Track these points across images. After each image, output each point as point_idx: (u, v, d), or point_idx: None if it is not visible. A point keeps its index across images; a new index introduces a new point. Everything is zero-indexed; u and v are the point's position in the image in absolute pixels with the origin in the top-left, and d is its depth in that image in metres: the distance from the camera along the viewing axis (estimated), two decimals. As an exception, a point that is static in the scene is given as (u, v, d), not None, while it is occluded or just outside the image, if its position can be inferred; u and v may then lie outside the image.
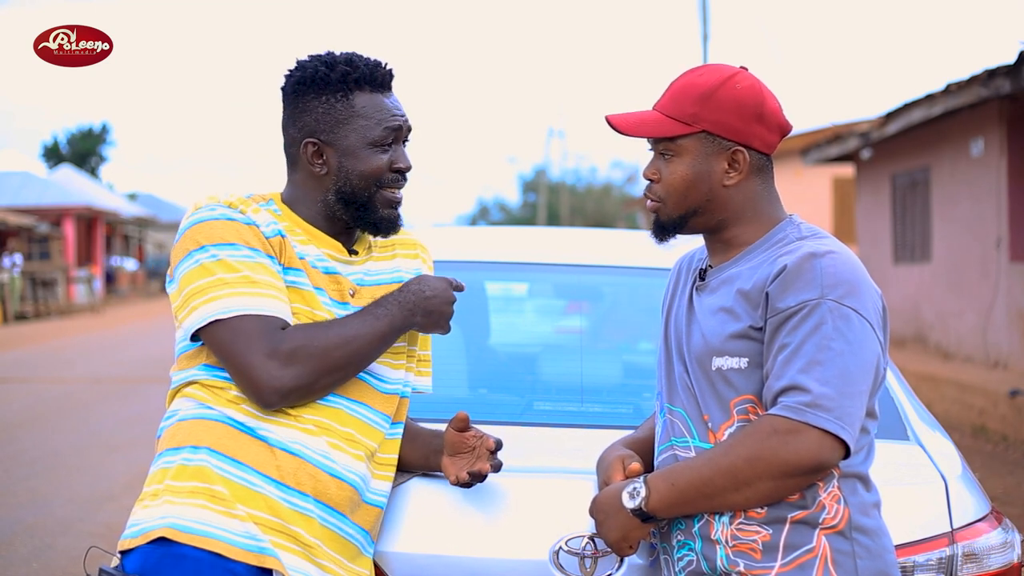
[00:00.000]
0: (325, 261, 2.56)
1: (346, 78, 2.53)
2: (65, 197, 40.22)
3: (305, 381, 2.41)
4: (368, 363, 2.51)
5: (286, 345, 2.39)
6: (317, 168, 2.56)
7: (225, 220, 2.47)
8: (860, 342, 2.26)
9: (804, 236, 2.40)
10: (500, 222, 61.96)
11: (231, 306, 2.39)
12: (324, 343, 2.41)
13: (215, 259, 2.43)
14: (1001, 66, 10.96)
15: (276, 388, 2.39)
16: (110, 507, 7.53)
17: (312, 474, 2.44)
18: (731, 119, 2.39)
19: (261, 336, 2.38)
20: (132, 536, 2.40)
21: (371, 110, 2.54)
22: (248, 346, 2.38)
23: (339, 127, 2.54)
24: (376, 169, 2.54)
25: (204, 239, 2.45)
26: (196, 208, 2.51)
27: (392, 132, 2.56)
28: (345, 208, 2.56)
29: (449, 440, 2.64)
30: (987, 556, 2.65)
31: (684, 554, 2.39)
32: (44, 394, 13.83)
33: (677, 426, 2.44)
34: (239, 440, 2.42)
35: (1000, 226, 12.32)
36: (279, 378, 2.38)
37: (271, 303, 2.42)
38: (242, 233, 2.46)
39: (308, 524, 2.43)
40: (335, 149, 2.54)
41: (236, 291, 2.40)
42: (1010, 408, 10.35)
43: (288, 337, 2.40)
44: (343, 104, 2.54)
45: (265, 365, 2.38)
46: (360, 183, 2.54)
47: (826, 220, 23.30)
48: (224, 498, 2.38)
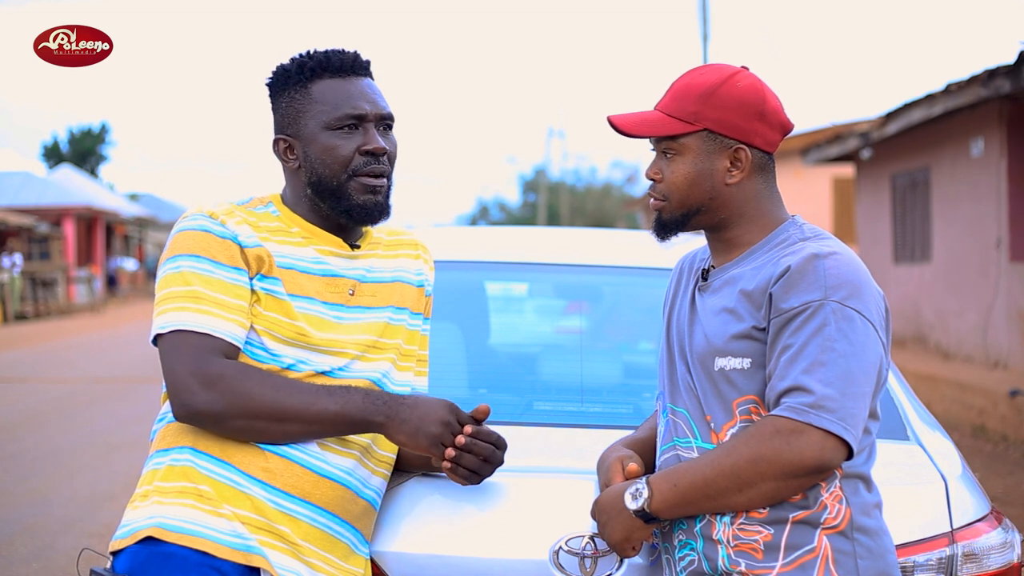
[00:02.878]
0: (323, 262, 2.54)
1: (303, 68, 2.53)
2: (65, 197, 40.23)
3: (215, 409, 2.36)
4: (302, 435, 2.41)
5: (213, 369, 2.37)
6: (291, 163, 2.57)
7: (199, 232, 2.47)
8: (863, 343, 2.26)
9: (807, 237, 2.40)
10: (500, 222, 61.96)
11: (171, 321, 2.41)
12: (252, 386, 2.37)
13: (177, 271, 2.45)
14: (1001, 66, 10.96)
15: (184, 403, 2.37)
16: (110, 507, 7.53)
17: (300, 475, 2.44)
18: (733, 117, 2.39)
19: (191, 353, 2.38)
20: (122, 536, 2.41)
21: (328, 95, 2.52)
22: (176, 360, 2.39)
23: (300, 117, 2.54)
24: (340, 154, 2.51)
25: (176, 249, 2.47)
26: (183, 218, 2.53)
27: (353, 115, 2.51)
28: (321, 198, 2.54)
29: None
30: (987, 556, 2.65)
31: (686, 554, 2.39)
32: (44, 394, 13.83)
33: (680, 426, 2.44)
34: (225, 440, 2.43)
35: (1000, 226, 12.32)
36: (192, 396, 2.36)
37: (212, 321, 2.40)
38: (210, 246, 2.45)
39: (295, 524, 2.43)
40: (300, 140, 2.54)
41: (180, 306, 2.41)
42: (1010, 408, 10.35)
43: (219, 364, 2.38)
44: (301, 94, 2.54)
45: (185, 381, 2.37)
46: (327, 171, 2.52)
47: (826, 220, 23.30)
48: (210, 497, 2.39)
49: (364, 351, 2.55)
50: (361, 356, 2.55)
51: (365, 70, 2.58)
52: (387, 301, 2.62)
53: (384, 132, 2.57)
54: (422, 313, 2.72)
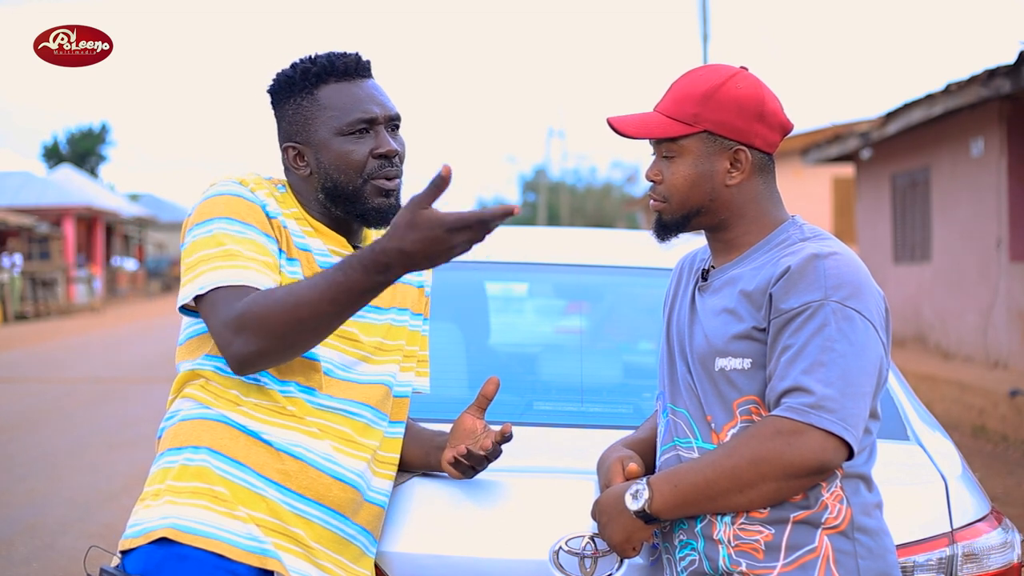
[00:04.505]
0: (328, 256, 2.53)
1: (307, 74, 2.51)
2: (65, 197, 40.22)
3: (255, 347, 2.29)
4: (328, 325, 2.29)
5: (235, 312, 2.31)
6: (302, 170, 2.53)
7: (230, 196, 2.45)
8: (863, 344, 2.26)
9: (807, 237, 2.40)
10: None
11: (208, 281, 2.36)
12: (271, 310, 2.28)
13: (209, 234, 2.40)
14: (1001, 66, 10.96)
15: (232, 356, 2.32)
16: (110, 507, 7.53)
17: (314, 477, 2.43)
18: (732, 118, 2.39)
19: (223, 305, 2.33)
20: (133, 536, 2.39)
21: (337, 100, 2.50)
22: (215, 317, 2.34)
23: (309, 124, 2.51)
24: (354, 159, 2.49)
25: (207, 213, 2.43)
26: (211, 184, 2.50)
27: (364, 119, 2.49)
28: (336, 203, 2.52)
29: (460, 429, 2.63)
30: (987, 556, 2.65)
31: (686, 554, 2.40)
32: (44, 394, 13.83)
33: (680, 427, 2.44)
34: (239, 441, 2.41)
35: (1000, 226, 12.32)
36: (232, 345, 2.31)
37: (247, 274, 2.35)
38: (241, 209, 2.43)
39: (309, 527, 2.43)
40: (310, 147, 2.51)
41: (215, 265, 2.37)
42: (1010, 408, 10.35)
43: (238, 306, 2.31)
44: (309, 101, 2.51)
45: (223, 334, 2.32)
46: (342, 176, 2.49)
47: (826, 220, 23.30)
48: (225, 499, 2.37)
49: (372, 352, 2.54)
50: (367, 358, 2.53)
51: (368, 71, 2.57)
52: (390, 303, 2.61)
53: (393, 133, 2.55)
54: (422, 314, 2.72)
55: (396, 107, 2.56)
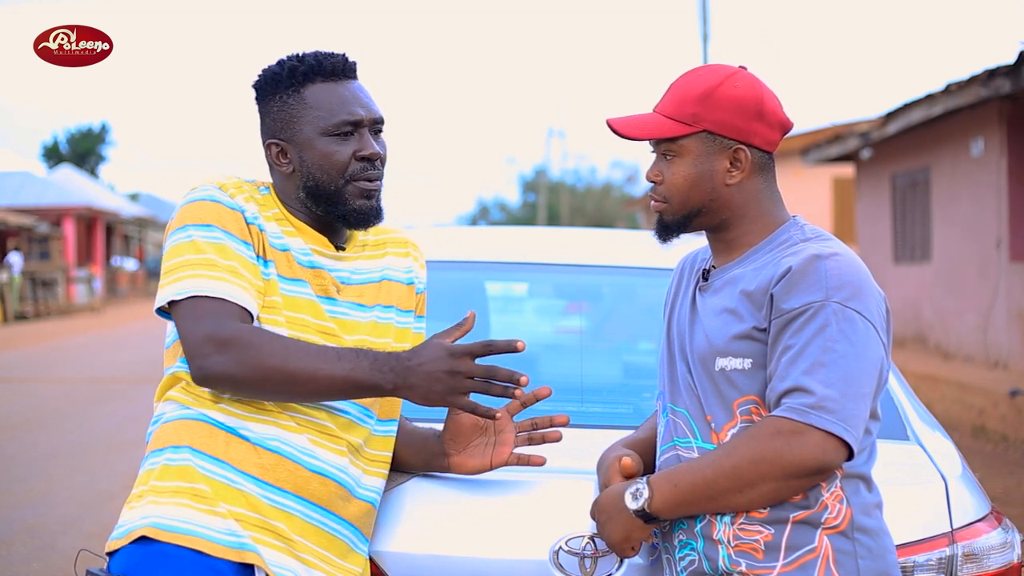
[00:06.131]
0: (309, 255, 2.55)
1: (295, 72, 2.52)
2: (65, 197, 40.25)
3: (228, 371, 2.34)
4: (313, 398, 2.41)
5: (227, 332, 2.35)
6: (284, 167, 2.56)
7: (210, 202, 2.47)
8: (864, 344, 2.26)
9: (808, 238, 2.40)
10: (500, 222, 61.93)
11: (187, 287, 2.39)
12: (264, 349, 2.34)
13: (189, 239, 2.44)
14: (1001, 66, 10.96)
15: (200, 366, 2.36)
16: (110, 507, 7.53)
17: (292, 470, 2.43)
18: (731, 118, 2.39)
19: (207, 317, 2.37)
20: (118, 537, 2.42)
21: (323, 100, 2.51)
22: (194, 325, 2.37)
23: (294, 122, 2.52)
24: (337, 159, 2.51)
25: (186, 219, 2.46)
26: (192, 189, 2.53)
27: (349, 121, 2.51)
28: (317, 203, 2.54)
29: (457, 431, 2.61)
30: (987, 556, 2.65)
31: (686, 554, 2.40)
32: (44, 394, 13.83)
33: (680, 426, 2.44)
34: (219, 438, 2.43)
35: (1000, 226, 12.32)
36: (209, 358, 2.35)
37: (227, 287, 2.39)
38: (221, 216, 2.45)
39: (290, 520, 2.43)
40: (294, 145, 2.53)
41: (195, 272, 2.40)
42: (1010, 408, 10.35)
43: (234, 327, 2.36)
44: (295, 99, 2.52)
45: (201, 344, 2.36)
46: (324, 176, 2.51)
47: (826, 220, 23.29)
48: (207, 496, 2.38)
49: None
50: None
51: (354, 72, 2.58)
52: (374, 300, 2.62)
53: (376, 136, 2.58)
54: (413, 310, 2.71)
55: (380, 110, 2.59)
